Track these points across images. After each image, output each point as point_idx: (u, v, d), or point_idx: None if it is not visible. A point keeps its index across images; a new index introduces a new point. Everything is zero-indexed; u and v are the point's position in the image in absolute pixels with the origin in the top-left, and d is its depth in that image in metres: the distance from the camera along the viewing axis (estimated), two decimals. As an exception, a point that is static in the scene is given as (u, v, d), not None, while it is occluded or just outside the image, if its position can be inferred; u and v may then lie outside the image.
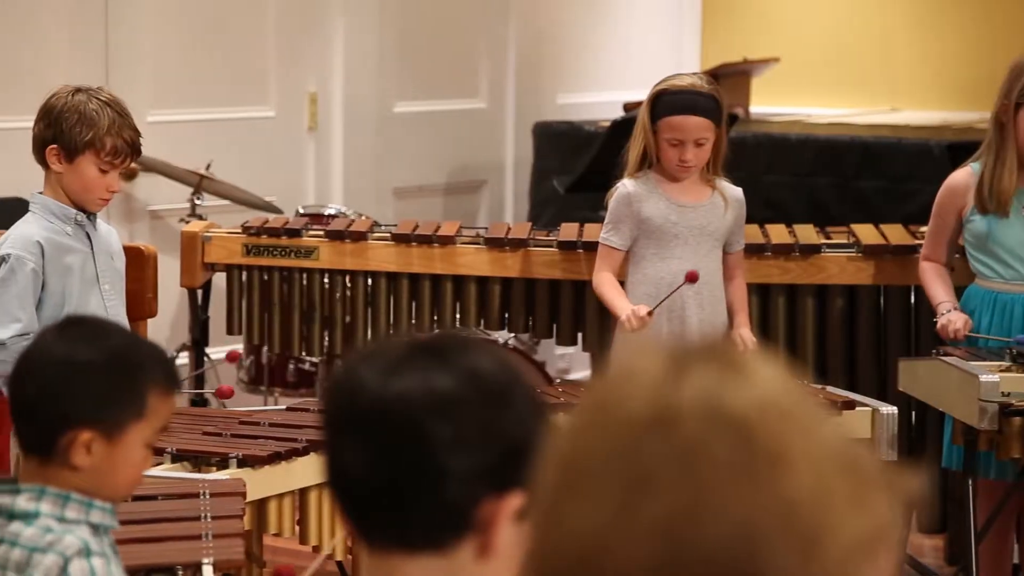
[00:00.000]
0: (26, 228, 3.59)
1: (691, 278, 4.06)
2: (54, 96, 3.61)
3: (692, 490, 0.95)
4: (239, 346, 5.53)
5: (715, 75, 5.39)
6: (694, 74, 4.41)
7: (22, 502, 2.11)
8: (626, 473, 0.96)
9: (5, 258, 3.53)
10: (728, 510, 0.94)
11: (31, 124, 3.66)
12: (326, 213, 5.52)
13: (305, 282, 4.80)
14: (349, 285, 4.78)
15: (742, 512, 0.94)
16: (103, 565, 2.08)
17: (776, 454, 0.96)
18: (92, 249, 3.65)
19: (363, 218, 5.16)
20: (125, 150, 3.59)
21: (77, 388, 2.11)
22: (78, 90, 3.61)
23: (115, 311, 3.64)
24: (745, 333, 4.24)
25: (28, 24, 5.41)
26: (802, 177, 5.89)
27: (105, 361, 2.13)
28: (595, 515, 0.96)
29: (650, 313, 4.05)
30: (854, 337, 4.60)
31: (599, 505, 0.96)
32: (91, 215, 3.66)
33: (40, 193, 3.65)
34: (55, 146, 3.57)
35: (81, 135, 3.54)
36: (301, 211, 5.57)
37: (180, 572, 2.82)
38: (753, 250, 4.52)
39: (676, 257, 4.22)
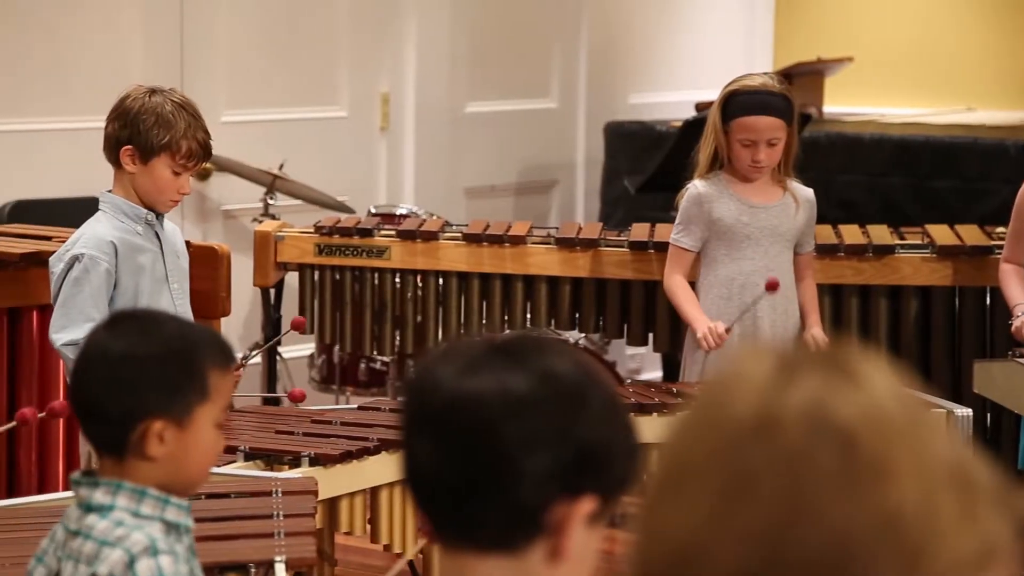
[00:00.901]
0: (99, 228, 3.60)
1: (771, 286, 4.04)
2: (129, 97, 3.62)
3: (792, 497, 0.95)
4: (311, 345, 5.55)
5: (788, 75, 5.37)
6: (765, 74, 4.39)
7: (99, 495, 2.13)
8: (726, 476, 0.96)
9: (79, 258, 3.55)
10: (827, 519, 0.93)
11: (103, 124, 3.68)
12: (398, 213, 5.54)
13: (376, 282, 4.81)
14: (420, 285, 4.79)
15: (841, 522, 0.94)
16: (171, 563, 2.09)
17: (880, 465, 0.95)
18: (161, 248, 3.67)
19: (434, 218, 5.17)
20: (199, 153, 3.61)
21: (142, 381, 2.13)
22: (153, 91, 3.62)
23: (183, 309, 3.66)
24: (817, 333, 4.22)
25: (104, 25, 5.46)
26: (876, 177, 5.85)
27: (165, 350, 2.15)
28: (693, 516, 0.96)
29: (728, 330, 4.05)
30: (928, 339, 4.56)
31: (697, 507, 0.96)
32: (160, 215, 3.68)
33: (109, 192, 3.67)
34: (130, 147, 3.58)
35: (158, 137, 3.56)
36: (373, 211, 5.59)
37: (253, 570, 2.83)
38: (826, 250, 4.49)
39: (748, 258, 4.20)
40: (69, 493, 2.24)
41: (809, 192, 4.28)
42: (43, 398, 3.98)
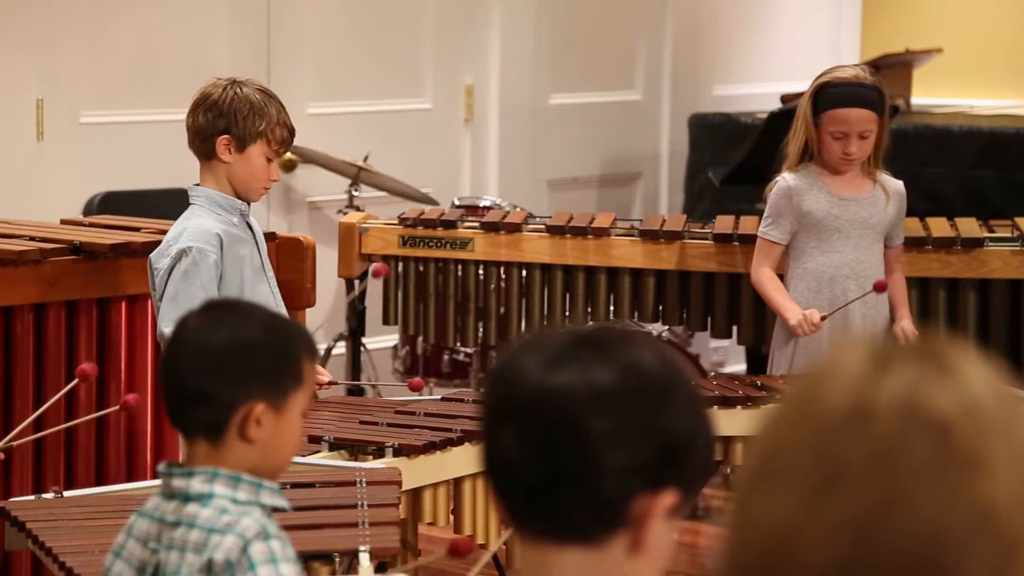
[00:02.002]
0: (202, 221, 3.64)
1: (879, 287, 4.03)
2: (214, 89, 3.65)
3: (885, 488, 0.94)
4: (395, 336, 5.58)
5: (876, 66, 5.32)
6: (857, 66, 4.36)
7: (196, 484, 2.16)
8: (819, 467, 0.96)
9: (187, 251, 3.58)
10: (920, 510, 0.93)
11: (188, 118, 3.71)
12: (481, 205, 5.55)
13: (460, 273, 4.82)
14: (504, 276, 4.79)
15: (934, 513, 0.93)
16: (281, 547, 2.12)
17: (974, 457, 0.95)
18: (255, 239, 3.72)
19: (518, 210, 5.17)
20: (289, 139, 3.68)
21: (248, 364, 2.18)
22: (235, 82, 3.67)
23: (279, 298, 3.72)
24: (907, 326, 4.19)
25: (191, 18, 5.51)
26: (965, 169, 5.79)
27: (267, 335, 2.20)
28: (786, 507, 0.96)
29: (823, 318, 4.03)
30: (1017, 332, 4.51)
31: (790, 497, 0.96)
32: (248, 205, 3.72)
33: (198, 186, 3.70)
34: (227, 136, 3.62)
35: (255, 125, 3.61)
36: (457, 203, 5.60)
37: (337, 559, 2.85)
38: (913, 243, 4.45)
39: (837, 251, 4.18)
40: (157, 482, 2.26)
41: (899, 184, 4.24)
42: (131, 388, 4.03)
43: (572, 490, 1.36)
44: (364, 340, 5.46)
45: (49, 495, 3.11)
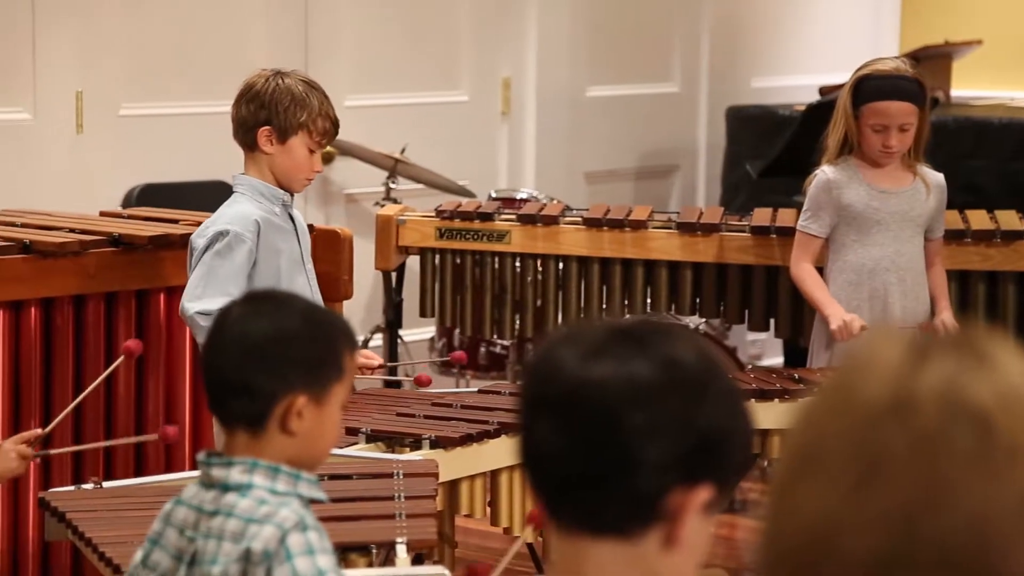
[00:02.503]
0: (242, 207, 3.65)
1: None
2: (258, 80, 3.66)
3: (926, 479, 0.94)
4: (432, 328, 5.58)
5: (915, 58, 5.29)
6: (897, 58, 4.34)
7: (236, 474, 2.17)
8: (860, 458, 0.96)
9: (224, 233, 3.58)
10: (963, 502, 0.93)
11: (229, 109, 3.72)
12: (518, 197, 5.55)
13: (497, 266, 4.82)
14: (540, 269, 4.79)
15: (977, 505, 0.93)
16: (319, 538, 2.13)
17: (1016, 447, 0.94)
18: (296, 230, 3.72)
19: (555, 202, 5.17)
20: (331, 130, 3.67)
21: (290, 356, 2.18)
22: (279, 73, 3.67)
23: (316, 291, 3.72)
24: (948, 319, 4.17)
25: (229, 11, 5.53)
26: (1004, 162, 5.75)
27: (308, 327, 2.20)
28: (826, 498, 0.96)
29: (863, 328, 4.02)
30: (1057, 326, 4.48)
31: (831, 489, 0.96)
32: (292, 196, 3.73)
33: (244, 175, 3.71)
34: (268, 127, 3.63)
35: (296, 116, 3.61)
36: (493, 195, 5.60)
37: (374, 551, 2.86)
38: (953, 236, 4.43)
39: (877, 244, 4.16)
40: (195, 472, 2.27)
41: (940, 177, 4.23)
42: (169, 380, 4.05)
43: (607, 483, 1.35)
44: (401, 332, 5.47)
45: (88, 486, 3.13)
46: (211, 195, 4.16)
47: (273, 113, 3.61)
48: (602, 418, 1.35)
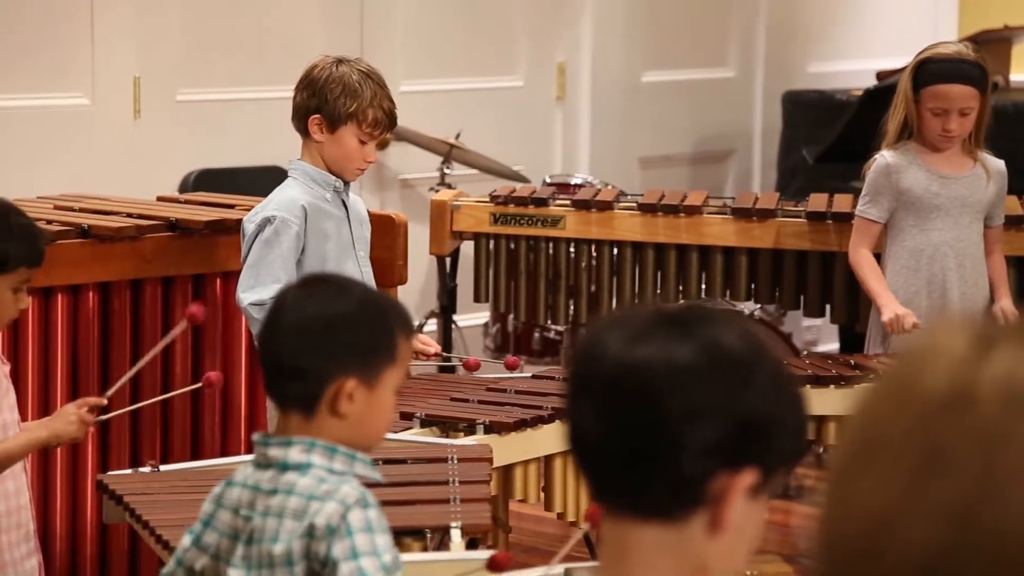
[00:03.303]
0: (290, 192, 3.66)
1: None
2: (316, 67, 3.66)
3: (987, 472, 0.93)
4: (486, 313, 5.59)
5: (975, 42, 5.24)
6: (959, 42, 4.31)
7: (295, 454, 2.19)
8: (919, 450, 0.95)
9: (270, 220, 3.61)
10: (1021, 494, 0.92)
11: (286, 94, 3.74)
12: (572, 182, 5.55)
13: (551, 251, 4.82)
14: (595, 254, 4.79)
15: None
16: (378, 517, 2.15)
17: None
18: (348, 216, 3.73)
19: (609, 187, 5.16)
20: (384, 122, 3.65)
21: (340, 340, 2.19)
22: (340, 61, 3.66)
23: (368, 277, 3.71)
24: (1007, 306, 4.15)
25: (285, -3, 5.54)
26: (1064, 147, 5.69)
27: (361, 311, 2.22)
28: (884, 490, 0.95)
29: (916, 325, 3.99)
30: (1117, 313, 4.44)
31: (889, 481, 0.95)
32: (346, 183, 3.73)
33: (299, 160, 3.72)
34: (318, 116, 3.63)
35: (345, 106, 3.60)
36: (548, 180, 5.60)
37: (429, 535, 2.87)
38: (1011, 222, 4.40)
39: (936, 229, 4.14)
40: (251, 456, 2.29)
41: (1000, 164, 4.20)
42: (226, 363, 4.07)
43: (650, 466, 1.36)
44: (455, 317, 5.48)
45: (146, 469, 3.16)
46: (267, 180, 4.18)
47: (323, 101, 3.61)
48: (644, 401, 1.36)
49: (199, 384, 3.33)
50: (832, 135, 5.73)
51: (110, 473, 3.22)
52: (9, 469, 2.84)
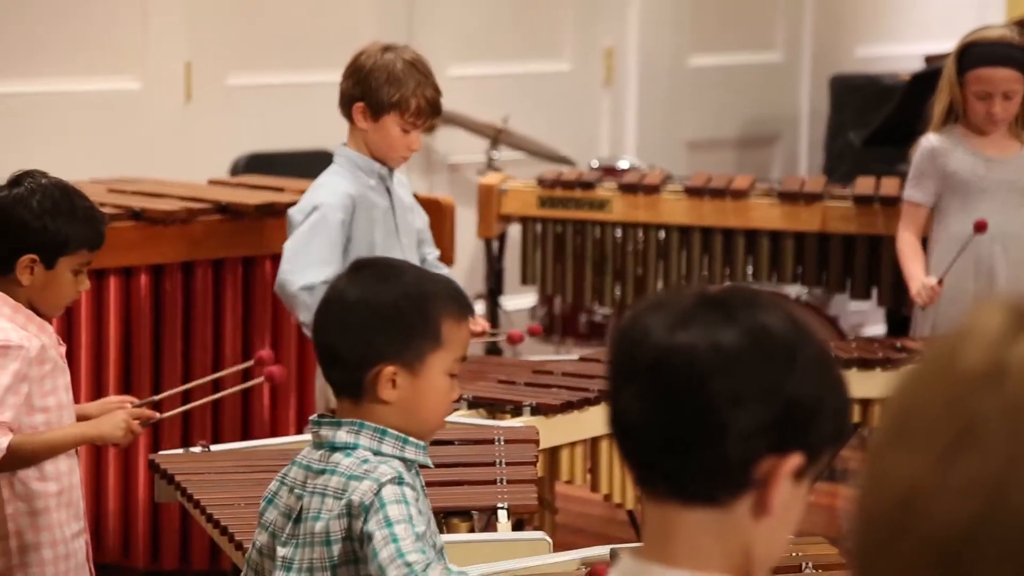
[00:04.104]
0: (336, 180, 3.68)
1: (979, 227, 3.98)
2: (363, 54, 3.67)
3: (1016, 448, 0.94)
4: (533, 296, 5.61)
5: (1021, 26, 5.22)
6: (1004, 26, 4.30)
7: (343, 434, 2.22)
8: (952, 426, 0.96)
9: (316, 207, 3.63)
10: None
11: (335, 78, 3.76)
12: (619, 166, 5.55)
13: (598, 234, 4.84)
14: (641, 238, 4.80)
15: None
16: (413, 495, 2.17)
17: None
18: (392, 203, 3.74)
19: (656, 171, 5.17)
20: (428, 111, 3.64)
21: (375, 326, 2.20)
22: (386, 48, 3.67)
23: (415, 262, 3.72)
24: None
25: (334, -19, 5.57)
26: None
27: (399, 297, 2.22)
28: (916, 465, 0.96)
29: (940, 282, 3.99)
30: None
31: (921, 455, 0.96)
32: (391, 170, 3.74)
33: (344, 145, 3.74)
34: (362, 104, 3.64)
35: (388, 95, 3.61)
36: (595, 164, 5.61)
37: (475, 516, 2.89)
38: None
39: (982, 212, 4.13)
40: (300, 437, 2.33)
41: (1048, 146, 4.19)
42: (277, 346, 4.11)
43: (694, 451, 1.35)
44: (502, 300, 5.50)
45: (197, 449, 3.19)
46: (316, 164, 4.21)
47: (367, 90, 3.62)
48: (687, 385, 1.35)
49: (251, 368, 3.35)
50: (879, 119, 5.72)
51: (162, 453, 3.26)
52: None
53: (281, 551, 2.24)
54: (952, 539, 0.94)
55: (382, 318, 2.20)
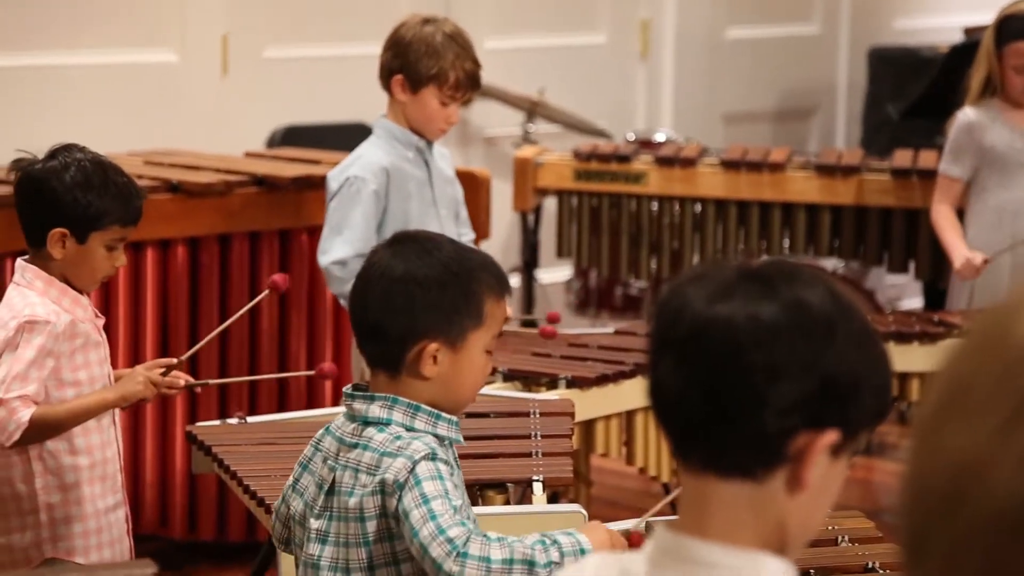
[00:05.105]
0: (372, 152, 3.69)
1: None
2: (403, 26, 3.68)
3: None
4: (568, 270, 5.61)
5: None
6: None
7: (375, 409, 2.21)
8: (1007, 400, 0.95)
9: (351, 180, 3.64)
10: None
11: (372, 51, 3.76)
12: (656, 139, 5.54)
13: (634, 207, 4.83)
14: (678, 211, 4.79)
15: None
16: (447, 470, 2.17)
17: None
18: (430, 175, 3.74)
19: (692, 144, 5.16)
20: (466, 84, 3.64)
21: (421, 303, 2.20)
22: (426, 21, 3.67)
23: (451, 235, 3.71)
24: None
25: (370, -47, 5.56)
26: None
27: (444, 274, 2.21)
28: (972, 437, 0.95)
29: (986, 261, 3.97)
30: None
31: (977, 428, 0.95)
32: (429, 142, 3.75)
33: (384, 117, 3.75)
34: (401, 76, 3.65)
35: (427, 68, 3.61)
36: (631, 137, 5.60)
37: (511, 488, 2.89)
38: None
39: (1020, 186, 4.11)
40: (336, 408, 2.33)
41: (1087, 120, 4.16)
42: (312, 318, 4.12)
43: (730, 423, 1.35)
44: (537, 273, 5.50)
45: (233, 420, 3.21)
46: (353, 137, 4.21)
47: (406, 62, 3.62)
48: (724, 356, 1.35)
49: (265, 291, 3.33)
50: (918, 91, 5.69)
51: (199, 424, 3.28)
52: (96, 423, 2.89)
53: (315, 523, 2.24)
54: (1011, 509, 0.93)
55: (428, 295, 2.19)
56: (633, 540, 2.41)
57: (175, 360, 2.97)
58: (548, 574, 2.11)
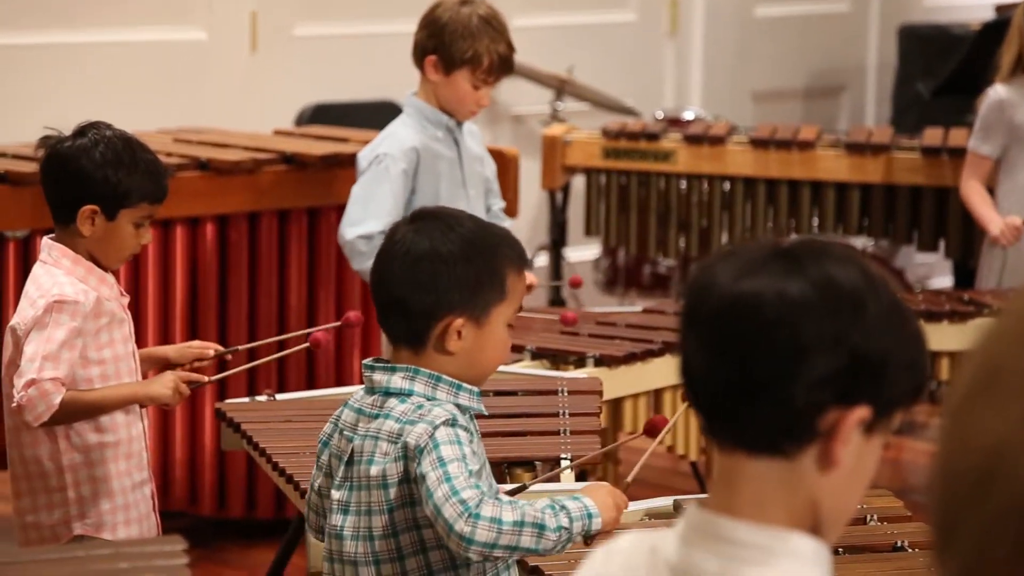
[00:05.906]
0: (402, 131, 3.69)
1: None
2: (440, 6, 3.66)
3: None
4: (596, 248, 5.60)
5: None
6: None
7: (397, 380, 2.23)
8: None
9: (380, 158, 3.64)
10: None
11: (401, 28, 3.75)
12: (684, 117, 5.53)
13: (662, 186, 4.82)
14: (706, 189, 4.78)
15: None
16: (467, 435, 2.18)
17: None
18: (459, 154, 3.74)
19: (721, 122, 5.14)
20: (500, 68, 3.64)
21: (446, 278, 2.20)
22: (464, 2, 3.65)
23: (480, 214, 3.71)
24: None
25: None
26: None
27: (468, 249, 2.22)
28: (1006, 418, 0.94)
29: None
30: None
31: (1009, 412, 0.94)
32: (459, 122, 3.74)
33: (415, 95, 3.74)
34: (434, 56, 3.64)
35: (461, 50, 3.60)
36: (660, 115, 5.59)
37: (538, 466, 2.90)
38: None
39: (1050, 165, 4.09)
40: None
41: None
42: (340, 295, 4.13)
43: (760, 399, 1.35)
44: (565, 251, 5.50)
45: (262, 398, 3.22)
46: (381, 115, 4.21)
47: (440, 43, 3.61)
48: (753, 333, 1.35)
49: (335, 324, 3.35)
50: (948, 69, 5.66)
51: (228, 401, 3.29)
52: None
53: (336, 494, 2.25)
54: None
55: (453, 271, 2.20)
56: (656, 421, 2.47)
57: (206, 379, 2.99)
58: (557, 538, 2.14)
